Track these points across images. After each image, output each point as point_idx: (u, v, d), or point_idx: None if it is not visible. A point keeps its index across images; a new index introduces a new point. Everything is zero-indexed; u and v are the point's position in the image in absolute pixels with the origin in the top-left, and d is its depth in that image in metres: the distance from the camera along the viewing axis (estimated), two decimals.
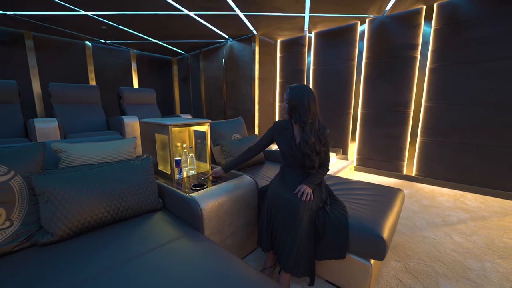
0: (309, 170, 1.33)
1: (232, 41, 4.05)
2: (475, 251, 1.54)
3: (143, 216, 1.18)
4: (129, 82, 4.69)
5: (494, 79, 2.31)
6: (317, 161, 1.31)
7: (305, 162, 1.32)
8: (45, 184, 0.95)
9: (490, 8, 2.27)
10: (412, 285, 1.25)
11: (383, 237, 1.05)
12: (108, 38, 3.90)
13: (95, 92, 3.18)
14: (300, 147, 1.34)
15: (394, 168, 3.07)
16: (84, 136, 2.55)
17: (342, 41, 3.31)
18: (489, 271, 1.36)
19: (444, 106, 2.63)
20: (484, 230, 1.80)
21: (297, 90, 1.30)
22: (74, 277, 0.76)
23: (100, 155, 1.28)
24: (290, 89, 1.33)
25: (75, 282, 0.74)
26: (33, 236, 0.93)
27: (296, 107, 1.27)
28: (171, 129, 1.42)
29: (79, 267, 0.80)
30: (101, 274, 0.77)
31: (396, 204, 1.40)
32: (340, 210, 1.23)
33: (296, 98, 1.28)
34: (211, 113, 4.84)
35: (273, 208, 1.22)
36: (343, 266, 1.19)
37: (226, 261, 0.86)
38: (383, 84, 3.02)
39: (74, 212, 0.96)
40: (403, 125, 2.93)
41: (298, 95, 1.28)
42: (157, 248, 0.92)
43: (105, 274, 0.77)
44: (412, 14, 2.70)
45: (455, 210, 2.13)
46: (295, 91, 1.30)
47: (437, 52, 2.61)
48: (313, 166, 1.30)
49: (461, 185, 2.58)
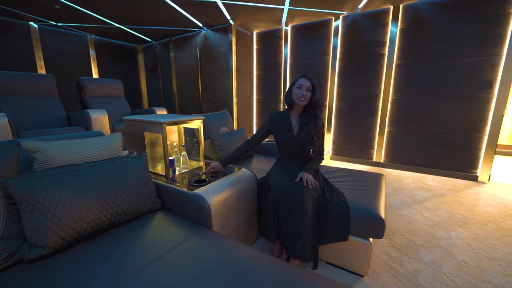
0: (307, 154, 1.40)
1: (207, 30, 3.87)
2: (441, 223, 1.79)
3: (143, 218, 1.08)
4: (87, 72, 4.16)
5: (449, 75, 2.66)
6: (316, 149, 1.38)
7: (303, 152, 1.38)
8: (27, 190, 0.80)
9: (445, 11, 2.58)
10: (399, 258, 1.41)
11: (382, 217, 1.16)
12: (60, 20, 3.37)
13: (51, 82, 2.75)
14: (298, 138, 1.38)
15: (365, 156, 3.35)
16: (43, 134, 2.20)
17: (318, 36, 3.43)
18: (454, 238, 1.60)
19: (407, 98, 2.93)
20: (444, 205, 2.10)
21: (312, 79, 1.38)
22: None
23: (84, 153, 1.13)
24: (308, 78, 1.38)
25: None
26: (17, 251, 0.79)
27: (318, 95, 1.38)
28: (165, 127, 1.31)
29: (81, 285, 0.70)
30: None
31: (383, 187, 1.54)
32: (339, 196, 1.31)
33: (317, 86, 1.38)
34: (184, 106, 4.60)
35: (279, 199, 1.24)
36: (344, 248, 1.27)
37: (254, 257, 0.85)
38: (356, 78, 3.23)
39: (67, 219, 0.84)
40: (373, 116, 3.20)
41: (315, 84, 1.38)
42: (170, 251, 0.85)
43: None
44: (381, 13, 2.92)
45: (419, 190, 2.43)
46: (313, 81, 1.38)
47: (402, 50, 2.88)
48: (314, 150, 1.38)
49: (422, 168, 2.95)
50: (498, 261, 1.38)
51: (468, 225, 1.77)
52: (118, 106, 3.27)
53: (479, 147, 2.62)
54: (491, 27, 2.40)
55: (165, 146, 1.33)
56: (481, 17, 2.43)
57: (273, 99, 4.11)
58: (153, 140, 1.52)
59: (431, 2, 2.63)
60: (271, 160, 2.01)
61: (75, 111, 2.70)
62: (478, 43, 2.47)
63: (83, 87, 3.01)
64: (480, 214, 1.93)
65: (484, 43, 2.44)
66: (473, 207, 2.04)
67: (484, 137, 2.57)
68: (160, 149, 1.55)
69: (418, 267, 1.34)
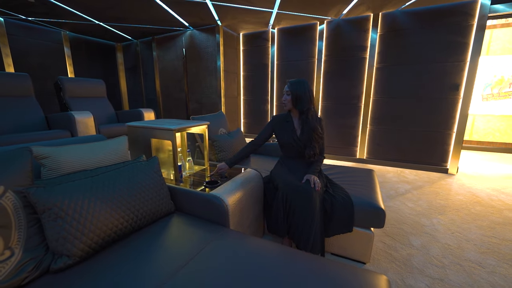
0: (309, 158, 1.47)
1: (193, 30, 3.81)
2: (423, 212, 2.00)
3: (161, 221, 1.08)
4: (62, 71, 3.87)
5: (422, 78, 2.94)
6: (317, 149, 1.46)
7: (305, 152, 1.46)
8: (49, 198, 0.77)
9: (418, 21, 2.85)
10: (393, 245, 1.56)
11: (382, 208, 1.28)
12: (32, 14, 3.10)
13: (26, 82, 2.52)
14: (301, 138, 1.47)
15: (349, 153, 3.56)
16: (22, 138, 2.03)
17: (304, 39, 3.56)
18: (437, 225, 1.80)
19: (387, 99, 3.18)
20: (424, 196, 2.33)
21: (298, 82, 1.45)
22: None
23: (93, 158, 1.09)
24: (291, 83, 1.45)
25: None
26: (41, 262, 0.76)
27: (300, 97, 1.41)
28: (175, 134, 1.31)
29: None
30: None
31: (376, 181, 1.69)
32: (342, 191, 1.42)
33: (298, 90, 1.42)
34: (169, 107, 4.49)
35: (289, 197, 1.30)
36: (347, 239, 1.38)
37: (281, 251, 0.91)
38: (340, 80, 3.42)
39: (92, 225, 0.82)
40: (356, 116, 3.42)
41: (300, 87, 1.43)
42: (199, 252, 0.87)
43: None
44: (363, 20, 3.13)
45: (400, 183, 2.67)
46: (296, 83, 1.44)
47: (381, 54, 3.12)
48: (314, 154, 1.44)
49: (400, 163, 3.22)
50: (474, 242, 1.59)
51: (446, 212, 2.00)
52: (100, 107, 3.10)
53: (448, 143, 2.94)
54: (456, 37, 2.71)
55: (175, 152, 1.32)
56: (448, 27, 2.73)
57: (260, 100, 4.18)
58: (157, 146, 1.50)
59: (406, 11, 2.89)
60: (268, 160, 2.07)
61: (55, 113, 2.52)
62: (446, 50, 2.78)
63: (62, 87, 2.81)
64: (454, 202, 2.19)
65: (452, 50, 2.75)
66: (447, 197, 2.30)
67: (453, 134, 2.89)
68: (164, 155, 1.54)
69: (410, 251, 1.49)
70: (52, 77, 3.59)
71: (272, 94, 4.01)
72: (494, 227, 1.77)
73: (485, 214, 1.96)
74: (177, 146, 1.32)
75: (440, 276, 1.29)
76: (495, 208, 2.07)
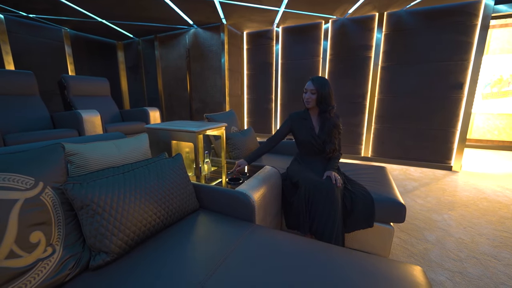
0: (328, 154, 1.48)
1: (197, 28, 3.79)
2: (433, 208, 2.03)
3: (188, 218, 1.08)
4: (63, 69, 3.80)
5: (426, 77, 2.98)
6: (336, 146, 1.48)
7: (325, 149, 1.47)
8: (87, 195, 0.76)
9: (423, 20, 2.90)
10: (408, 240, 1.58)
11: (403, 203, 1.30)
12: (33, 11, 3.04)
13: (31, 81, 2.46)
14: (320, 136, 1.48)
15: (354, 151, 3.59)
16: (30, 137, 1.98)
17: (308, 38, 3.58)
18: (448, 220, 1.84)
19: (391, 98, 3.22)
20: (431, 192, 2.37)
21: (322, 81, 1.43)
22: None
23: (118, 155, 1.08)
24: (314, 80, 1.44)
25: None
26: (80, 260, 0.74)
27: (325, 97, 1.41)
28: (198, 136, 1.31)
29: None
30: None
31: (390, 178, 1.71)
32: (360, 188, 1.43)
33: (323, 89, 1.41)
34: (171, 106, 4.45)
35: (311, 193, 1.31)
36: (368, 234, 1.39)
37: (319, 247, 0.91)
38: (345, 79, 3.45)
39: (128, 222, 0.81)
40: (361, 114, 3.45)
41: (324, 85, 1.42)
42: (234, 249, 0.86)
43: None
44: (368, 19, 3.16)
45: (407, 180, 2.71)
46: (321, 82, 1.43)
47: (386, 54, 3.15)
48: (334, 150, 1.46)
49: (405, 161, 3.27)
50: (486, 236, 1.63)
51: (455, 208, 2.03)
52: (105, 106, 3.06)
53: (452, 141, 2.99)
54: (461, 36, 2.76)
55: (197, 154, 1.32)
56: (453, 27, 2.78)
57: (264, 99, 4.19)
58: (175, 148, 1.49)
59: (411, 11, 2.93)
60: (280, 158, 2.08)
61: (61, 112, 2.47)
62: (450, 49, 2.83)
63: (66, 86, 2.76)
64: (461, 198, 2.23)
65: (456, 49, 2.80)
66: (454, 193, 2.34)
67: (456, 132, 2.95)
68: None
69: (427, 246, 1.52)
70: (53, 75, 3.52)
71: (277, 93, 4.02)
72: (504, 222, 1.81)
73: (494, 210, 2.00)
74: (198, 148, 1.32)
75: (458, 269, 1.32)
76: (502, 203, 2.12)
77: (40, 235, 0.67)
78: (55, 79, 3.47)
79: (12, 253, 0.60)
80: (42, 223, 0.68)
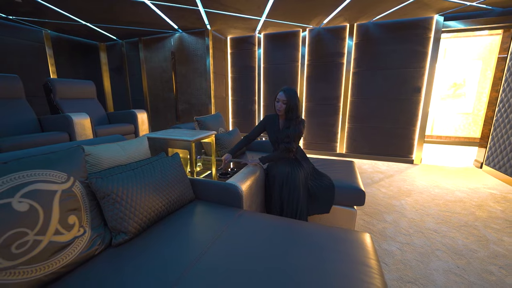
0: (288, 153, 1.64)
1: (182, 32, 3.92)
2: (394, 196, 2.39)
3: (187, 207, 1.28)
4: (44, 71, 3.75)
5: (390, 82, 3.38)
6: (294, 146, 1.63)
7: (279, 146, 1.64)
8: (107, 187, 0.94)
9: (387, 31, 3.28)
10: (371, 221, 1.90)
11: (362, 189, 1.59)
12: (14, 13, 3.01)
13: (17, 84, 2.48)
14: (281, 136, 1.68)
15: (330, 148, 3.94)
16: (21, 141, 2.04)
17: (288, 44, 3.86)
18: (404, 204, 2.19)
19: (362, 100, 3.60)
20: (394, 182, 2.74)
21: (292, 92, 1.58)
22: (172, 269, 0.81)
23: (124, 155, 1.26)
24: (285, 92, 1.58)
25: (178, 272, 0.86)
26: (104, 238, 0.93)
27: (292, 109, 1.58)
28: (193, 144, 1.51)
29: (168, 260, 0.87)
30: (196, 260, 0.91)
31: (356, 170, 2.01)
32: (325, 177, 1.71)
33: (292, 100, 1.57)
34: (157, 107, 4.53)
35: (283, 183, 1.57)
36: (335, 216, 1.67)
37: (292, 223, 1.16)
38: (321, 82, 3.77)
39: (140, 208, 1.01)
40: (336, 115, 3.80)
41: (293, 97, 1.58)
42: (227, 227, 1.09)
43: (201, 258, 0.91)
44: (340, 29, 3.50)
45: (375, 173, 3.08)
46: (291, 94, 1.57)
47: (356, 60, 3.51)
48: (291, 150, 1.62)
49: (374, 156, 3.66)
50: (432, 215, 1.99)
51: (412, 195, 2.41)
52: (92, 109, 3.12)
53: (413, 137, 3.42)
54: (418, 46, 3.18)
55: (192, 159, 1.52)
56: (411, 38, 3.19)
57: (247, 100, 4.41)
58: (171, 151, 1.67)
59: (378, 23, 3.30)
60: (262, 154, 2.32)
61: (48, 115, 2.52)
62: (410, 57, 3.24)
63: (52, 89, 2.79)
64: (418, 187, 2.62)
65: (414, 57, 3.22)
66: (413, 182, 2.74)
67: (416, 130, 3.38)
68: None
69: (384, 225, 1.84)
70: (34, 77, 3.49)
71: (260, 95, 4.26)
72: (447, 204, 2.20)
73: (441, 195, 2.40)
74: (193, 154, 1.52)
75: (407, 241, 1.64)
76: (449, 189, 2.53)
77: (74, 219, 0.84)
78: (36, 81, 3.45)
79: (58, 231, 0.78)
80: (75, 209, 0.86)
